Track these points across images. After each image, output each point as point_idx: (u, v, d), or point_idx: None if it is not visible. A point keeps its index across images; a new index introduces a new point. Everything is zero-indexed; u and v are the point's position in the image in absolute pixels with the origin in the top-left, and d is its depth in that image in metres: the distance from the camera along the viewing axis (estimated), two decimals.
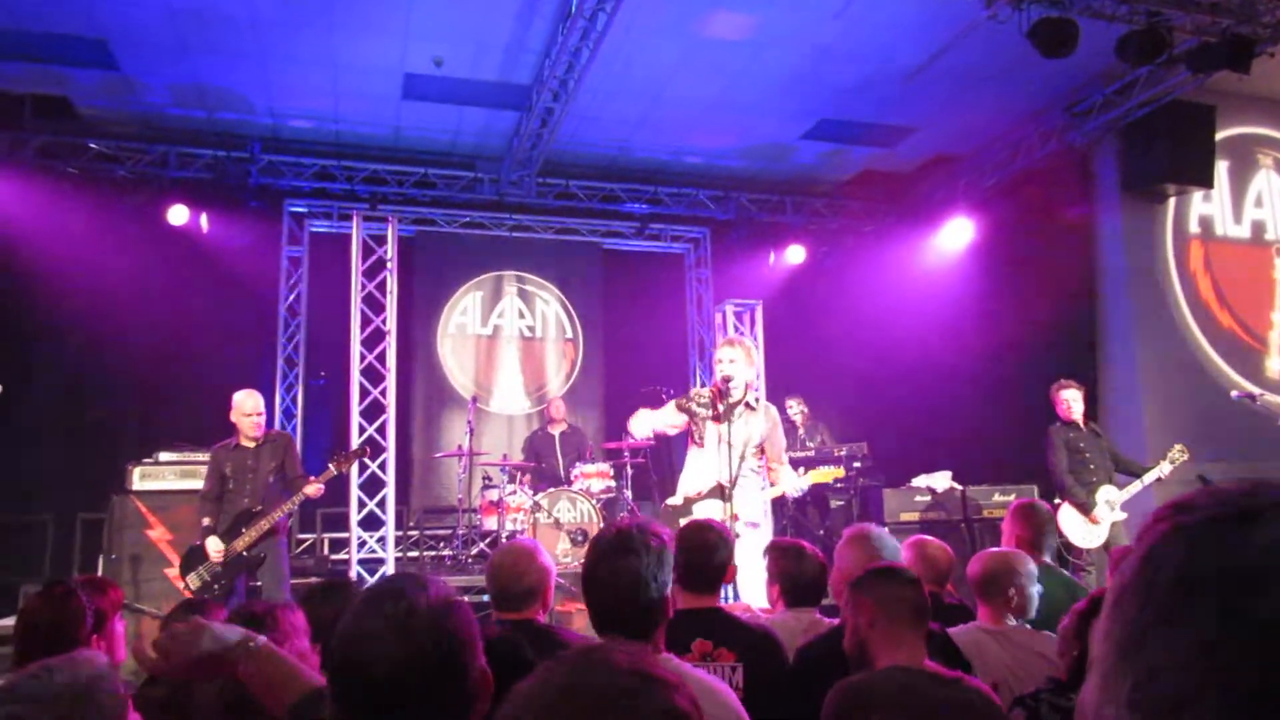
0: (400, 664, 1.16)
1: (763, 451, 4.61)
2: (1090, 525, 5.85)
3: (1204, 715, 0.51)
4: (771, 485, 4.76)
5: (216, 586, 4.98)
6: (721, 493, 4.34)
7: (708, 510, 4.34)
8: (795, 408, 8.57)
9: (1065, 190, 8.19)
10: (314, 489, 5.10)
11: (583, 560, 2.28)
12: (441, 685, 1.19)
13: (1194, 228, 8.28)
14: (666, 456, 8.58)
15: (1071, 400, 6.07)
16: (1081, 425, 6.09)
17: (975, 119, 8.40)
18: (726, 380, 4.42)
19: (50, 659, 1.42)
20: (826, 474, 4.76)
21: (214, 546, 5.01)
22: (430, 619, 1.20)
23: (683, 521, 2.96)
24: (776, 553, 3.08)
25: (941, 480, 6.85)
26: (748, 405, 4.53)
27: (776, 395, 8.72)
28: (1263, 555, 0.53)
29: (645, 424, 4.69)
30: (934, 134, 8.78)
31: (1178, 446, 5.88)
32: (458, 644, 1.21)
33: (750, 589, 4.29)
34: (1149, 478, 5.88)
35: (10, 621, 4.38)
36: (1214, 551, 0.55)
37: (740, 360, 4.49)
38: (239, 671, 1.37)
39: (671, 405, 4.66)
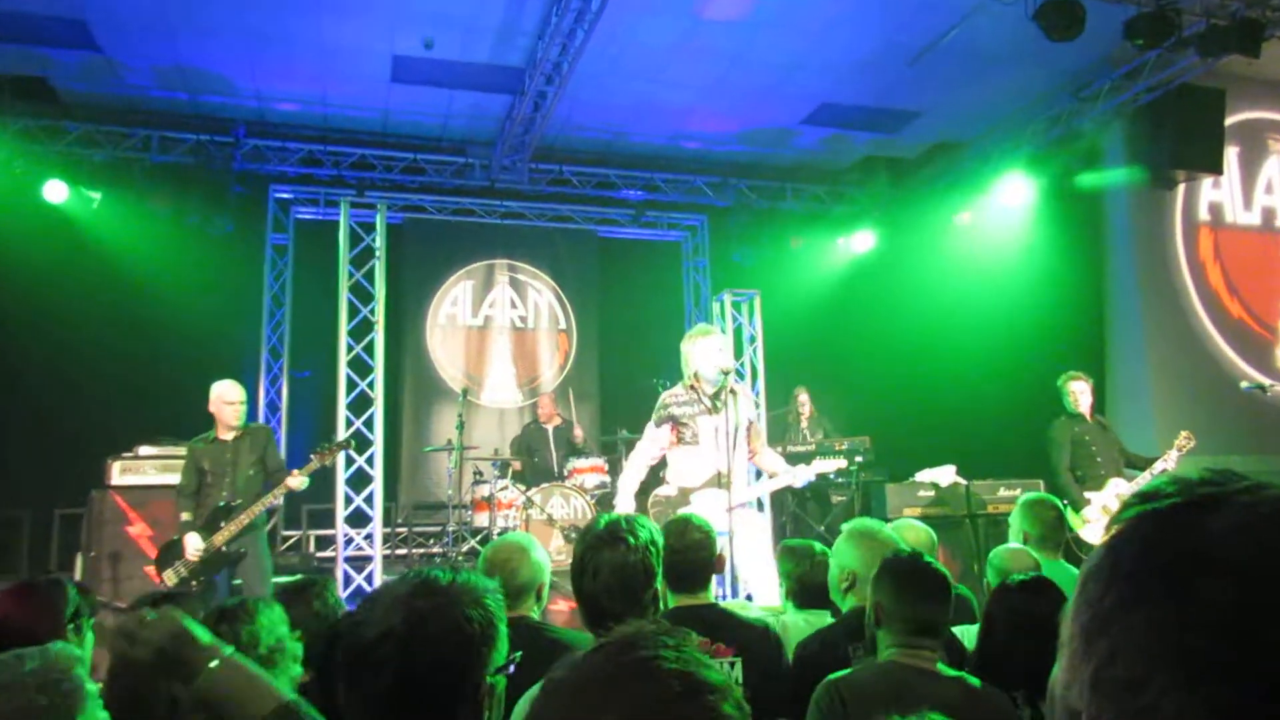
0: (390, 632, 1.18)
1: (747, 434, 4.59)
2: (1099, 520, 5.84)
3: (1159, 693, 0.54)
4: (763, 471, 4.71)
5: (194, 583, 4.95)
6: (719, 481, 4.32)
7: (706, 500, 4.33)
8: (802, 400, 8.56)
9: (1071, 176, 8.17)
10: (297, 481, 5.07)
11: None
12: (448, 679, 1.20)
13: (1203, 215, 8.28)
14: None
15: (1079, 392, 6.05)
16: (1088, 418, 6.07)
17: (980, 104, 8.37)
18: (724, 371, 4.40)
19: (23, 649, 1.43)
20: (833, 465, 4.70)
21: (192, 542, 4.98)
22: (439, 600, 1.23)
23: (679, 513, 2.95)
24: (787, 552, 3.07)
25: (946, 475, 6.84)
26: (731, 391, 4.51)
27: (776, 388, 8.71)
28: (1217, 539, 0.56)
29: (632, 482, 4.54)
30: (938, 119, 8.75)
31: (1183, 434, 5.87)
32: (460, 633, 1.22)
33: (753, 580, 4.28)
34: (1156, 468, 5.87)
35: None
36: (1172, 537, 0.58)
37: (728, 348, 4.55)
38: (200, 682, 1.34)
39: (651, 428, 4.59)
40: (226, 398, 5.22)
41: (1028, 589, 2.32)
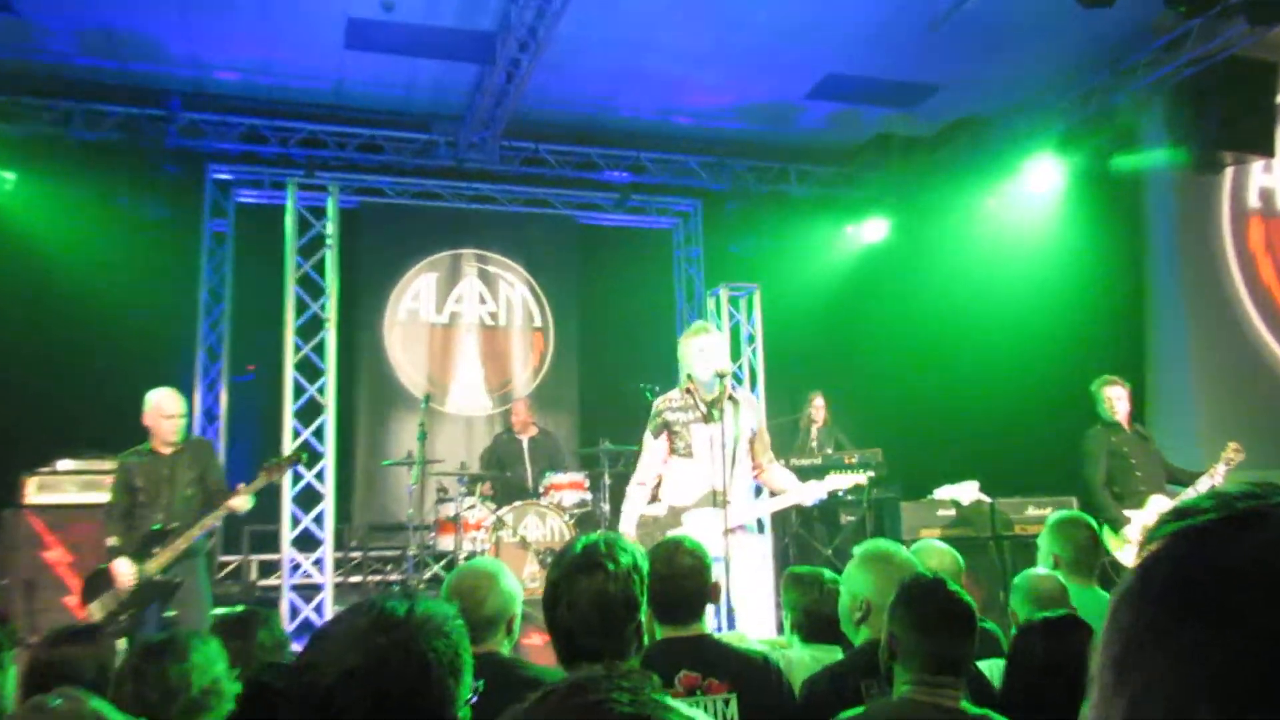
0: (352, 674, 1.20)
1: (750, 447, 4.58)
2: (1136, 542, 5.87)
3: None
4: (769, 490, 4.70)
5: (124, 616, 4.90)
6: (714, 500, 4.31)
7: (700, 521, 4.31)
8: (817, 405, 8.62)
9: (1107, 159, 8.21)
10: (240, 502, 5.04)
11: None
12: (399, 709, 1.21)
13: (1254, 202, 8.34)
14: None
15: (1115, 399, 6.09)
16: (1126, 427, 6.10)
17: (1006, 77, 8.40)
18: (719, 374, 4.38)
19: None
20: (849, 481, 4.65)
21: (124, 570, 4.93)
22: (400, 635, 1.24)
23: (670, 534, 2.94)
24: (793, 581, 3.06)
25: (968, 491, 6.87)
26: (730, 398, 4.50)
27: (777, 393, 8.72)
28: (1259, 556, 0.57)
29: (637, 503, 4.53)
30: (959, 93, 8.78)
31: (1232, 445, 5.91)
32: (426, 669, 1.24)
33: (752, 609, 4.27)
34: (1202, 484, 5.90)
35: None
36: (1209, 555, 0.59)
37: (724, 348, 4.52)
38: None
39: (648, 440, 4.57)
40: (165, 410, 5.17)
41: (1052, 631, 2.32)
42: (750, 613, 4.25)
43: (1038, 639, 2.32)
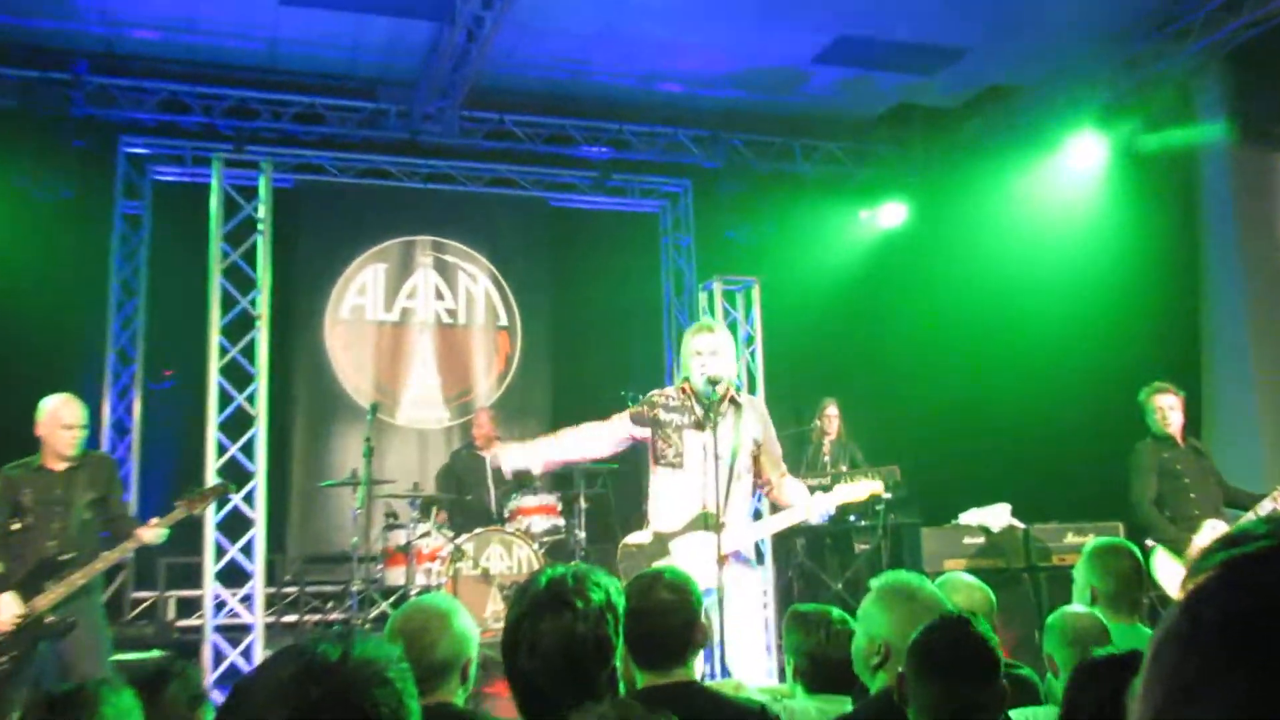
0: None
1: (755, 461, 4.57)
2: None
3: None
4: (777, 507, 4.67)
5: (5, 659, 4.84)
6: (706, 522, 4.29)
7: (690, 548, 4.30)
8: (830, 414, 8.65)
9: (1156, 133, 8.26)
10: (153, 534, 5.02)
11: None
12: None
13: None
14: (634, 484, 8.54)
15: (1167, 409, 6.12)
16: (1179, 441, 6.13)
17: (1041, 40, 8.45)
18: (712, 382, 4.37)
19: None
20: (863, 490, 4.58)
21: (6, 606, 4.86)
22: (334, 684, 1.22)
23: (656, 566, 2.93)
24: (796, 621, 3.07)
25: (998, 516, 6.88)
26: (733, 401, 4.50)
27: (778, 401, 8.71)
28: None
29: (542, 447, 4.59)
30: (987, 59, 8.82)
31: None
32: None
33: (749, 653, 4.27)
34: (1264, 507, 5.93)
35: None
36: (1265, 591, 0.59)
37: (724, 351, 4.46)
38: None
39: (622, 417, 4.58)
40: (63, 419, 5.12)
41: (1113, 671, 2.32)
42: (747, 657, 4.25)
43: (1095, 681, 2.32)
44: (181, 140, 9.17)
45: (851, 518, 7.66)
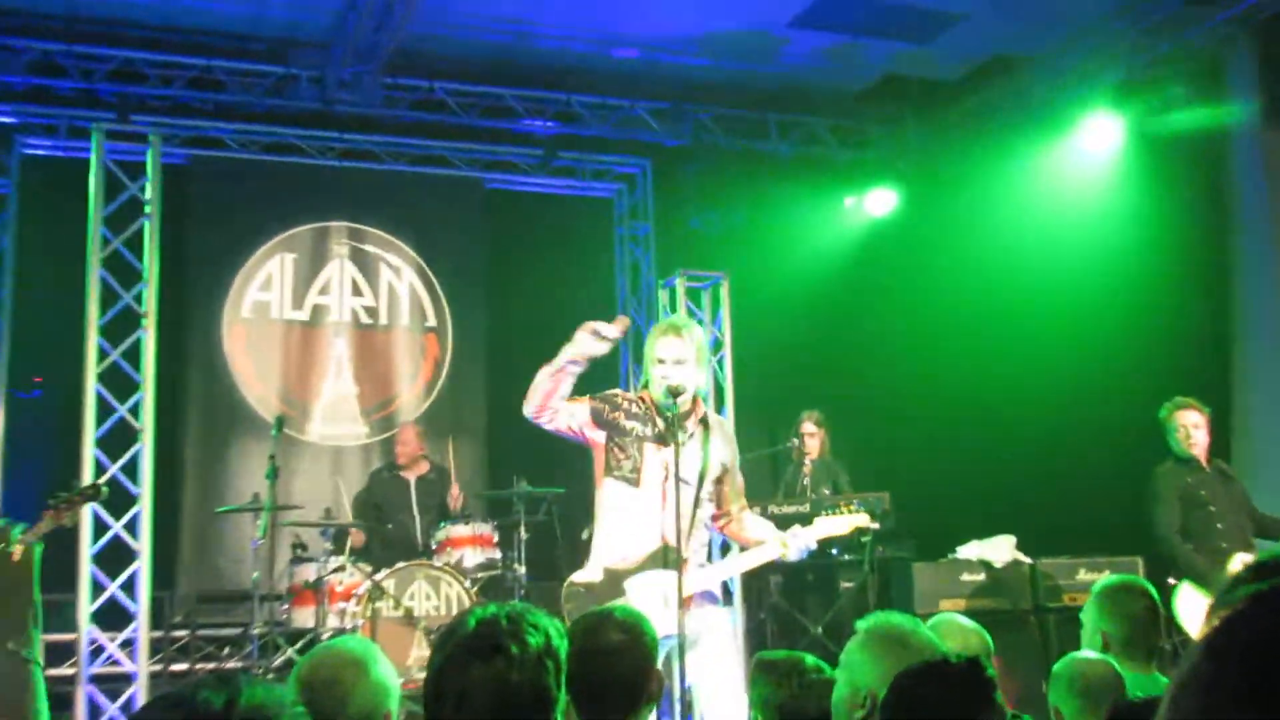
0: None
1: (717, 490, 4.58)
2: None
3: None
4: (739, 543, 4.69)
5: None
6: (666, 558, 4.27)
7: (648, 588, 4.29)
8: (809, 430, 8.61)
9: (1178, 112, 8.36)
10: (17, 552, 4.94)
11: None
12: None
13: None
14: (584, 510, 8.52)
15: (1191, 427, 6.19)
16: (1204, 464, 6.21)
17: (1051, 6, 8.53)
18: (673, 393, 4.36)
19: None
20: (846, 524, 4.61)
21: None
22: None
23: (605, 606, 2.91)
24: (764, 670, 3.07)
25: (1001, 550, 6.93)
26: (702, 421, 4.50)
27: (749, 417, 8.73)
28: None
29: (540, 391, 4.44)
30: (989, 25, 8.89)
31: None
32: None
33: (717, 707, 4.26)
34: None
35: None
36: None
37: (690, 359, 4.41)
38: None
39: (584, 403, 4.52)
40: None
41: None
42: (714, 711, 4.24)
43: None
44: (56, 108, 9.07)
45: (834, 550, 7.66)
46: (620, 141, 10.17)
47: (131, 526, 6.99)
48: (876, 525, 7.35)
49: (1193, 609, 5.93)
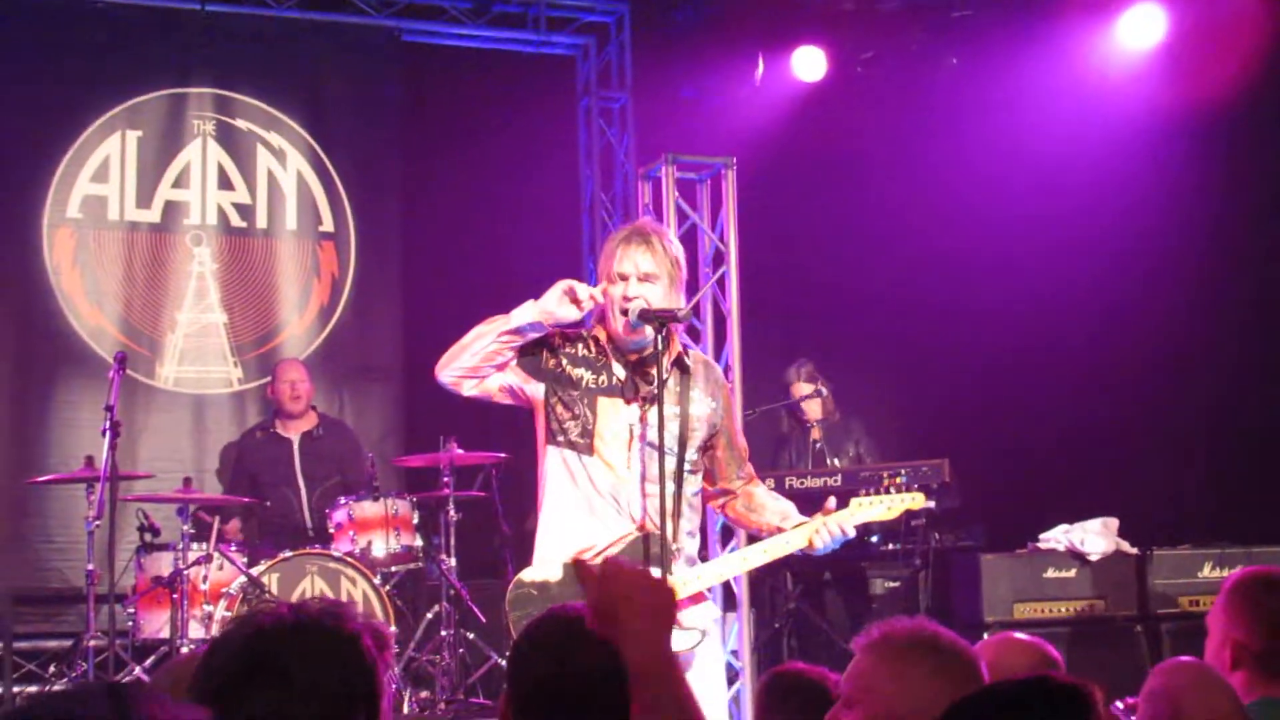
0: None
1: (707, 457, 4.60)
2: None
3: None
4: (746, 529, 4.68)
5: None
6: (648, 550, 4.26)
7: None
8: (806, 387, 8.66)
9: None
10: None
11: None
12: None
13: None
14: (533, 480, 8.55)
15: None
16: None
17: None
18: (628, 312, 4.35)
19: None
20: (897, 503, 4.62)
21: None
22: None
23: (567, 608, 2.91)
24: (779, 697, 3.21)
25: (1100, 537, 6.92)
26: (678, 365, 4.48)
27: (759, 360, 8.72)
28: None
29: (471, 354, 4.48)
30: None
31: None
32: None
33: None
34: None
35: None
36: None
37: (664, 276, 4.42)
38: None
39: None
40: None
41: None
42: None
43: None
44: None
45: (873, 539, 7.67)
46: None
47: None
48: (932, 504, 7.38)
49: None
